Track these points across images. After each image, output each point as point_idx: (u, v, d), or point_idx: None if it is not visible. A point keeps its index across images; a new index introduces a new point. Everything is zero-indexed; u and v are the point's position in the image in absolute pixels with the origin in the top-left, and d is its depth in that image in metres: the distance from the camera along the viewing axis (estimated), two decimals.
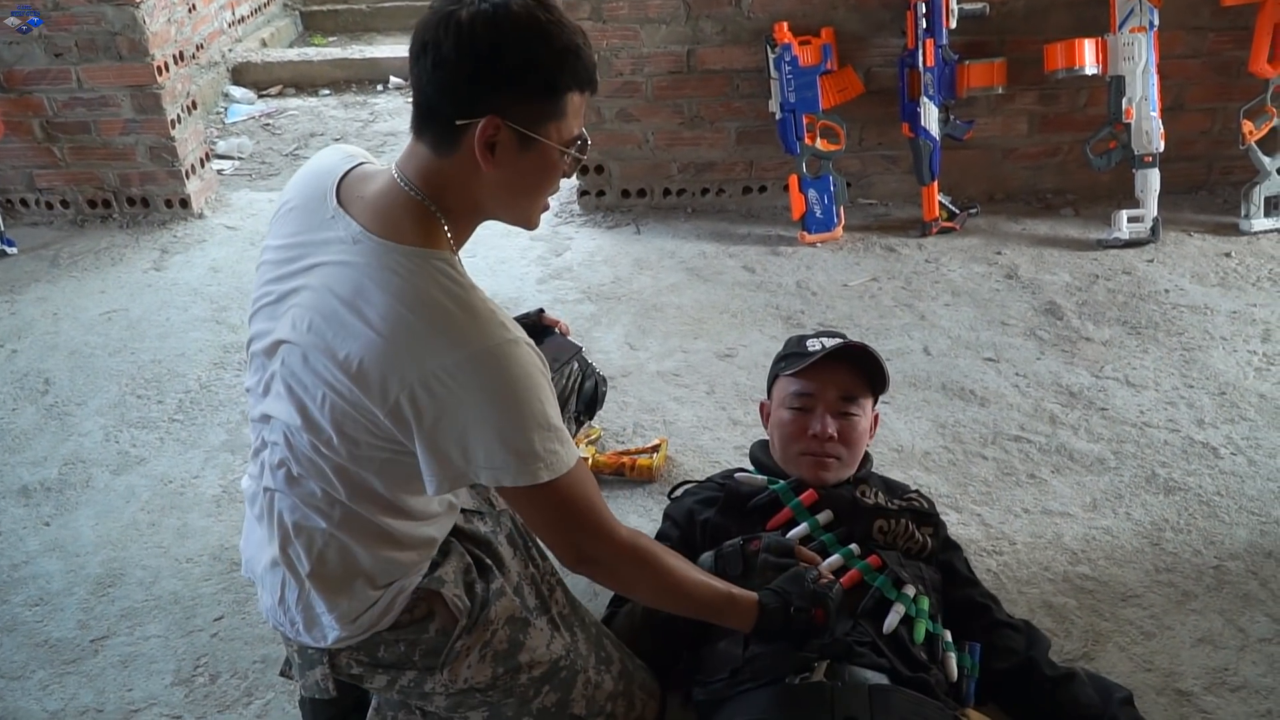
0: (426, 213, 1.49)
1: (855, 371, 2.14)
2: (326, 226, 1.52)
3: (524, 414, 1.44)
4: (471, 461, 1.45)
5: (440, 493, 1.50)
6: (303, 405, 1.51)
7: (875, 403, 2.21)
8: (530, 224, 1.60)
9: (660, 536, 2.17)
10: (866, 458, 2.22)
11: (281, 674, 1.87)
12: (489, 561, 1.75)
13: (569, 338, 2.35)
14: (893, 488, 2.18)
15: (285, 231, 1.59)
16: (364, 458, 1.52)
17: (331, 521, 1.58)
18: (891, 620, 1.83)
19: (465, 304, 1.44)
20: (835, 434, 2.08)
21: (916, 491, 2.20)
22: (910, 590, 1.88)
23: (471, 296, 1.45)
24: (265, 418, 1.60)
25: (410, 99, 1.51)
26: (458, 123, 1.42)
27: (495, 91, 1.40)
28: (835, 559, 1.91)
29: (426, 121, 1.47)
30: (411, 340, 1.41)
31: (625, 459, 2.68)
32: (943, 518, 2.45)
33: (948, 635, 1.88)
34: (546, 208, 1.61)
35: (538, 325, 2.31)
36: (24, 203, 4.45)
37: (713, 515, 2.08)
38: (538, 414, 1.45)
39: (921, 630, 1.84)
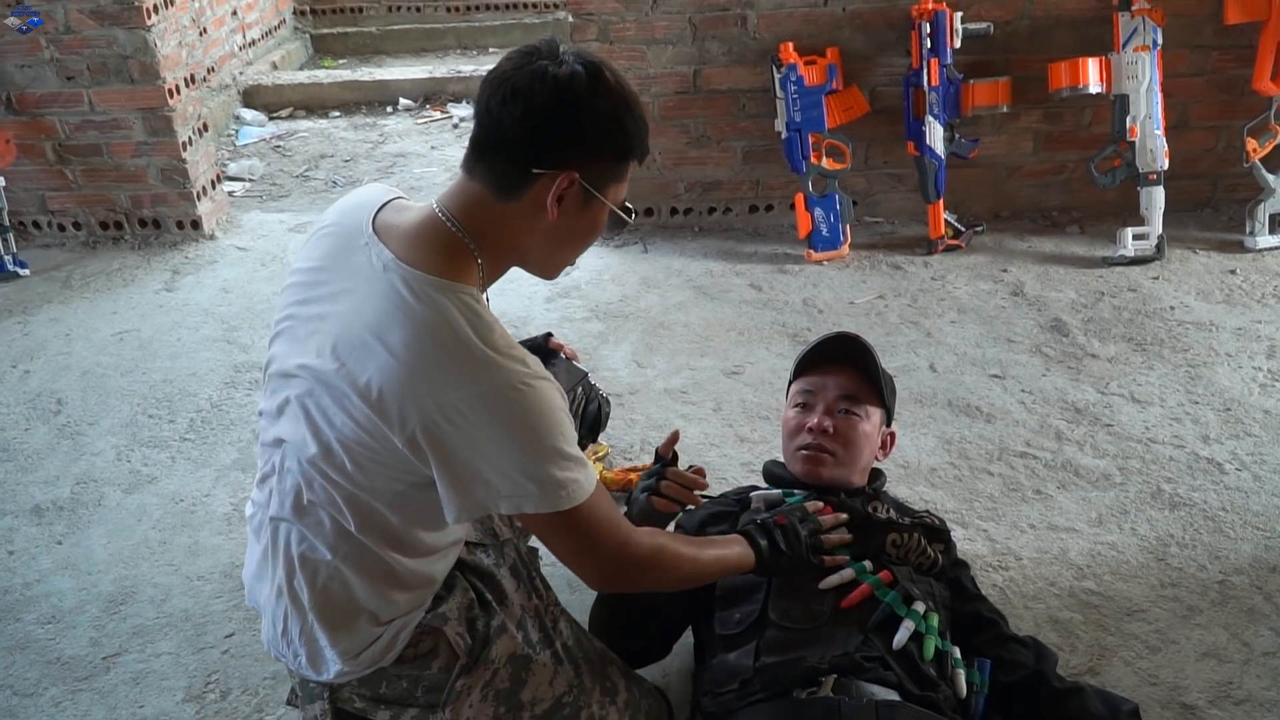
0: (463, 249, 1.52)
1: (857, 374, 2.18)
2: (358, 253, 1.54)
3: (544, 446, 1.47)
4: (493, 491, 1.47)
5: (461, 521, 1.52)
6: (318, 431, 1.52)
7: (888, 419, 2.24)
8: (554, 275, 1.68)
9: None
10: (879, 474, 2.25)
11: (289, 703, 1.87)
12: (490, 596, 1.74)
13: (575, 363, 2.37)
14: (904, 508, 2.19)
15: (316, 254, 1.62)
16: (376, 488, 1.53)
17: (338, 554, 1.58)
18: (901, 636, 1.83)
19: (488, 339, 1.46)
20: (830, 429, 2.11)
21: (927, 511, 2.21)
22: (920, 607, 1.89)
23: (494, 332, 1.48)
24: (278, 442, 1.61)
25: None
26: (534, 171, 1.47)
27: (580, 148, 1.48)
28: (847, 572, 1.92)
29: (493, 163, 1.51)
30: (433, 371, 1.43)
31: (633, 476, 2.69)
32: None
33: (956, 652, 1.89)
34: (571, 263, 1.69)
35: (544, 349, 2.33)
36: (36, 225, 4.49)
37: (726, 530, 2.10)
38: (558, 446, 1.48)
39: (931, 647, 1.84)
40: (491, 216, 1.52)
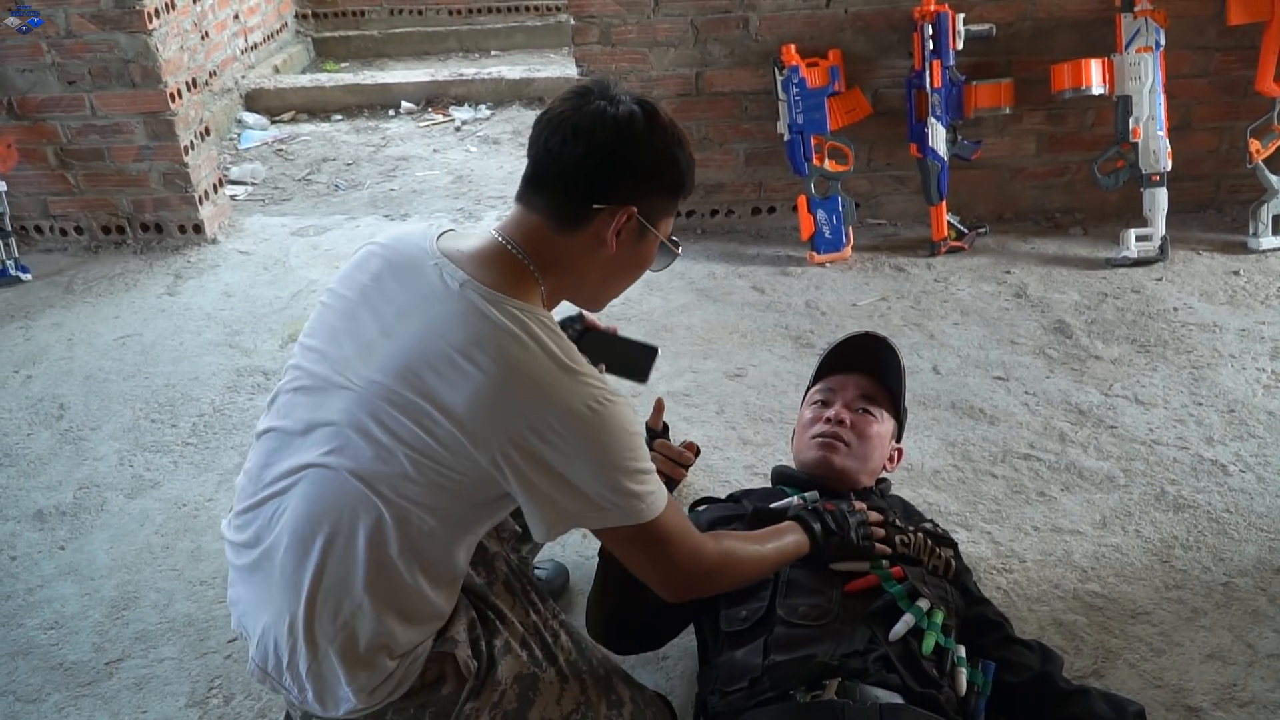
0: (529, 275, 1.58)
1: (875, 381, 2.28)
2: (426, 273, 1.57)
3: (626, 461, 1.52)
4: (581, 505, 1.52)
5: (549, 538, 1.57)
6: (382, 448, 1.50)
7: (898, 432, 2.30)
8: (601, 306, 1.78)
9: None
10: (884, 482, 2.27)
11: None
12: (490, 614, 1.73)
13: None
14: (910, 513, 2.20)
15: (365, 275, 1.64)
16: (438, 506, 1.53)
17: (368, 585, 1.53)
18: (899, 629, 1.83)
19: (572, 358, 1.52)
20: (847, 420, 2.19)
21: (932, 521, 2.22)
22: (925, 604, 1.89)
23: (575, 353, 1.55)
24: (297, 469, 1.57)
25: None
26: (595, 205, 1.56)
27: (637, 184, 1.59)
28: (862, 564, 1.94)
29: (552, 198, 1.58)
30: (523, 388, 1.47)
31: None
32: (953, 536, 2.47)
33: (961, 651, 1.88)
34: (617, 295, 1.78)
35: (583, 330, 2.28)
36: (39, 230, 4.49)
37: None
38: (638, 462, 1.54)
39: (930, 642, 1.84)
40: (551, 247, 1.59)
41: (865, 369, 2.30)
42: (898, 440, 2.31)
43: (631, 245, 1.63)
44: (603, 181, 1.55)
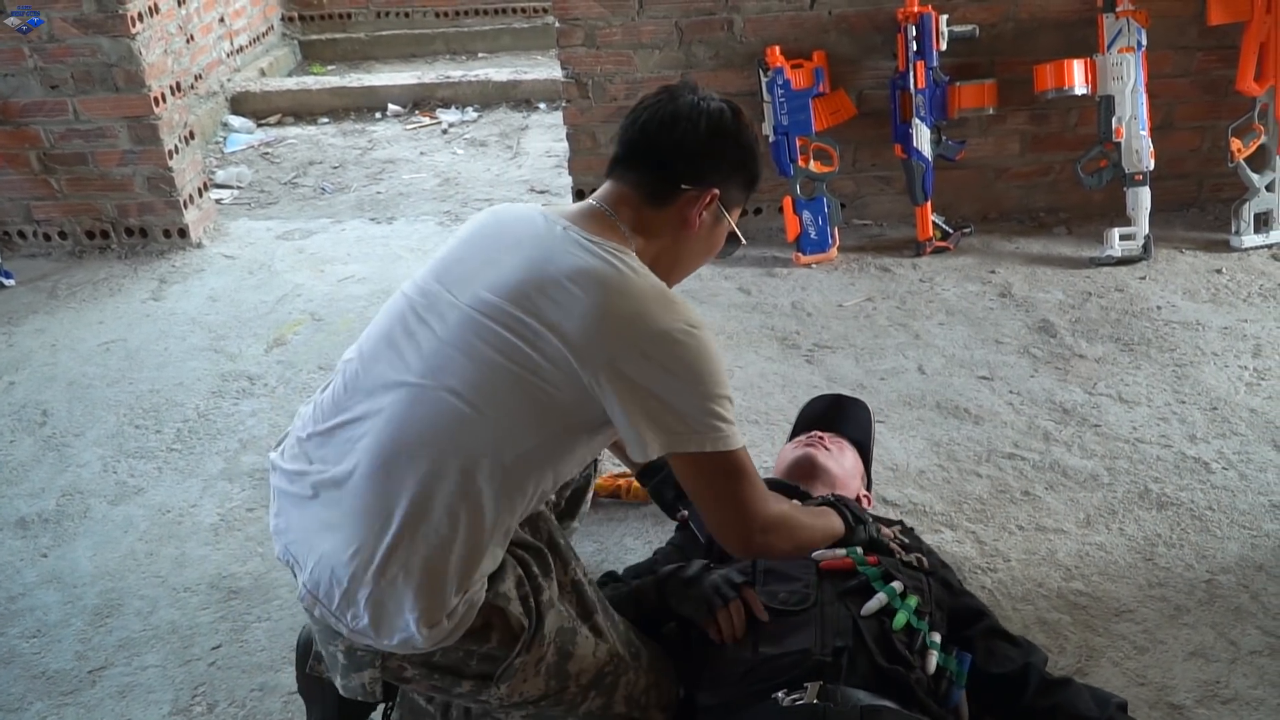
0: (621, 234, 1.73)
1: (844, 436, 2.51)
2: (533, 223, 1.73)
3: (717, 386, 1.64)
4: (681, 423, 1.61)
5: (648, 457, 1.63)
6: (485, 362, 1.61)
7: (865, 480, 2.48)
8: (673, 282, 1.82)
9: (659, 551, 2.31)
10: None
11: (309, 670, 1.87)
12: (536, 569, 1.75)
13: None
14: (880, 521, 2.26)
15: (472, 230, 1.81)
16: (535, 423, 1.61)
17: (451, 506, 1.58)
18: (871, 605, 1.86)
19: (664, 288, 1.67)
20: (825, 440, 2.42)
21: (900, 523, 2.29)
22: (899, 585, 1.92)
23: (667, 287, 1.69)
24: (395, 385, 1.64)
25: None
26: (684, 186, 1.73)
27: (724, 171, 1.77)
28: (839, 551, 1.97)
29: (645, 174, 1.75)
30: (625, 310, 1.60)
31: (622, 481, 2.69)
32: (937, 535, 2.50)
33: (936, 636, 1.90)
34: (683, 278, 1.89)
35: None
36: (22, 235, 4.47)
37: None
38: (726, 388, 1.66)
39: (902, 619, 1.86)
40: (639, 216, 1.75)
41: (834, 428, 2.52)
42: (867, 488, 2.49)
43: (708, 229, 1.80)
44: (694, 164, 1.73)
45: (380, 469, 1.60)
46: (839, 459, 2.37)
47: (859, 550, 1.98)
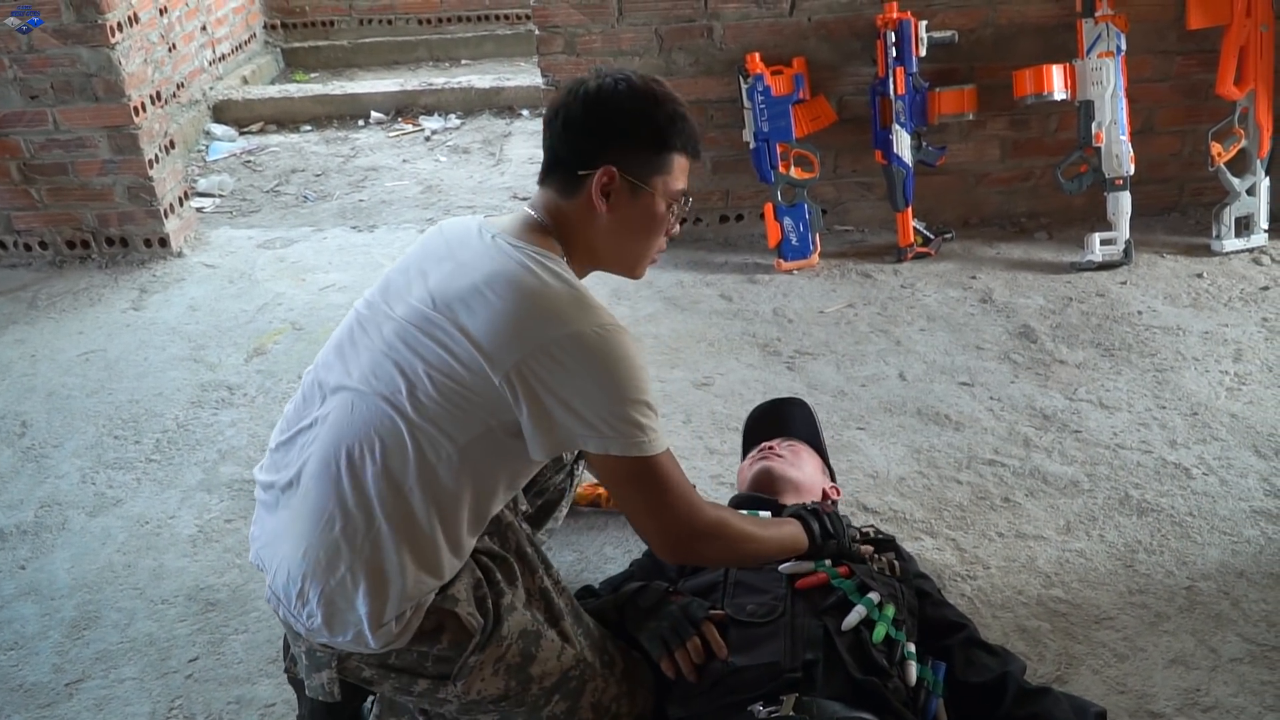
0: (551, 237, 1.77)
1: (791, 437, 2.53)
2: (471, 236, 1.78)
3: (631, 389, 1.64)
4: (581, 426, 1.63)
5: (548, 457, 1.68)
6: (406, 367, 1.65)
7: (830, 474, 2.50)
8: (635, 273, 1.89)
9: (635, 562, 2.33)
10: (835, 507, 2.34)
11: (286, 671, 1.94)
12: (499, 575, 1.80)
13: None
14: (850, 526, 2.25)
15: (419, 248, 1.85)
16: (455, 428, 1.64)
17: (382, 508, 1.64)
18: (851, 619, 1.86)
19: (579, 292, 1.68)
20: (776, 447, 2.42)
21: (871, 525, 2.32)
22: (875, 596, 1.92)
23: (583, 288, 1.70)
24: (337, 389, 1.72)
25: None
26: (579, 173, 1.73)
27: (612, 144, 1.73)
28: (807, 565, 1.97)
29: (553, 172, 1.79)
30: (535, 313, 1.62)
31: (602, 490, 2.68)
32: (917, 542, 2.49)
33: (911, 646, 1.90)
34: (654, 260, 1.89)
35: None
36: (2, 245, 4.44)
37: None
38: (643, 392, 1.65)
39: (881, 631, 1.86)
40: (562, 214, 1.78)
41: (780, 432, 2.54)
42: (832, 480, 2.50)
43: (627, 204, 1.76)
44: (580, 149, 1.74)
45: (322, 470, 1.68)
46: (796, 463, 2.37)
47: (827, 562, 1.98)
